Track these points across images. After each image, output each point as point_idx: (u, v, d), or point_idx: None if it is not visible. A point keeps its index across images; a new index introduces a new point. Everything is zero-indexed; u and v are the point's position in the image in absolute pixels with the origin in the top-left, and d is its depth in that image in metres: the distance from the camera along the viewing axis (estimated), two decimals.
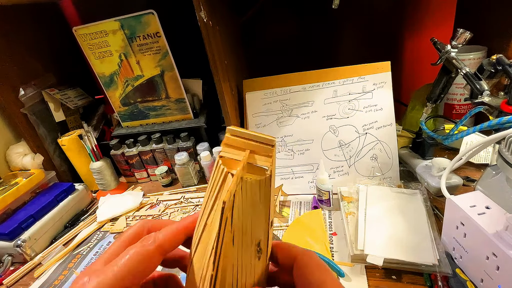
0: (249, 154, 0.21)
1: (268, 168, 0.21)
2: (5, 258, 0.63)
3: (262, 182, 0.20)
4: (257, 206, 0.21)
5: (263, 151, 0.21)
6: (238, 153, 0.21)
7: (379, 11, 0.85)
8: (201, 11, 0.54)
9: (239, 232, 0.20)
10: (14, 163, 0.81)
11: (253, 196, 0.20)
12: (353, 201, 0.59)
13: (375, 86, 0.65)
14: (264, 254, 0.23)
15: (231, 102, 0.68)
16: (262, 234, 0.22)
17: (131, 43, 0.73)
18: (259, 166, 0.21)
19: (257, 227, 0.21)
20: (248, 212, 0.20)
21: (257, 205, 0.21)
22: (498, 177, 0.46)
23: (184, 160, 0.77)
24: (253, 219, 0.21)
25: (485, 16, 0.72)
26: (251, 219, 0.21)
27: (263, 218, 0.22)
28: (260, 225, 0.22)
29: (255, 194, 0.20)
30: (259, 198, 0.21)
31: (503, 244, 0.36)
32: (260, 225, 0.22)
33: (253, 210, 0.21)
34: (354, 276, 0.48)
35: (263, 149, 0.21)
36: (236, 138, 0.21)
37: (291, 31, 0.92)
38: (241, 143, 0.21)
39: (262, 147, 0.21)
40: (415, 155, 0.68)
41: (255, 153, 0.21)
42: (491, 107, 0.49)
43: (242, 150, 0.21)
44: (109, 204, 0.77)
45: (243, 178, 0.19)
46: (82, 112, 0.92)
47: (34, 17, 0.82)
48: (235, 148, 0.21)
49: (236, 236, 0.20)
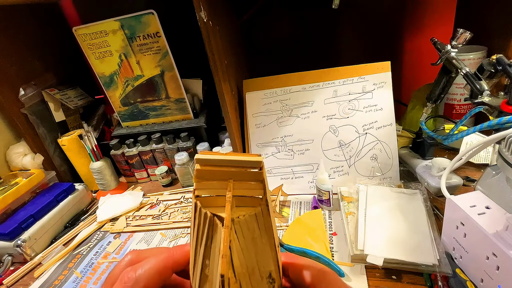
0: (233, 185, 0.17)
1: (262, 197, 0.18)
2: (5, 258, 0.63)
3: (259, 215, 0.17)
4: (259, 241, 0.18)
5: (250, 177, 0.17)
6: (218, 186, 0.17)
7: (379, 11, 0.85)
8: (201, 11, 0.54)
9: (245, 277, 0.17)
10: (14, 163, 0.81)
11: (252, 233, 0.17)
12: (353, 201, 0.59)
13: (375, 86, 0.65)
14: (278, 281, 0.20)
15: (231, 102, 0.68)
16: (271, 264, 0.19)
17: (131, 43, 0.73)
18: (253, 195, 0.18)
19: (264, 261, 0.18)
20: (250, 251, 0.17)
21: (259, 239, 0.18)
22: (498, 177, 0.46)
23: (184, 160, 0.77)
24: (258, 255, 0.18)
25: (485, 16, 0.72)
26: (255, 257, 0.18)
27: (268, 249, 0.18)
28: (267, 257, 0.19)
29: (254, 230, 0.17)
30: (259, 233, 0.17)
31: (503, 244, 0.36)
32: (267, 257, 0.19)
33: (255, 247, 0.17)
34: (354, 276, 0.48)
35: (250, 175, 0.17)
36: (210, 168, 0.17)
37: (291, 31, 0.92)
38: (218, 173, 0.17)
39: (247, 172, 0.17)
40: (415, 155, 0.68)
41: (240, 180, 0.17)
42: (491, 107, 0.49)
43: (222, 181, 0.17)
44: (109, 204, 0.77)
45: (234, 220, 0.16)
46: (82, 112, 0.92)
47: (34, 17, 0.82)
48: (213, 180, 0.17)
49: (243, 282, 0.17)
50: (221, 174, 0.17)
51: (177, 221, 0.69)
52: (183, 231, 0.66)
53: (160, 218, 0.71)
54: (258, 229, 0.18)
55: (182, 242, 0.63)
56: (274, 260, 0.19)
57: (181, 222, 0.68)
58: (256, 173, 0.17)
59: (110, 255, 0.63)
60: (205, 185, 0.17)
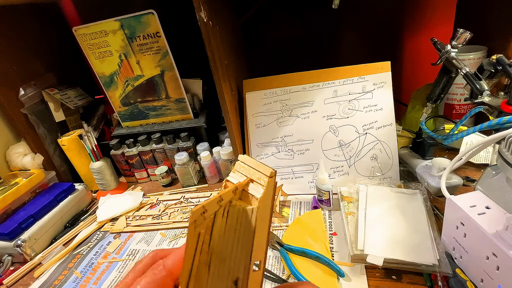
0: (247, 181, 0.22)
1: (258, 198, 0.21)
2: (5, 258, 0.63)
3: (248, 212, 0.20)
4: (238, 238, 0.20)
5: (258, 180, 0.22)
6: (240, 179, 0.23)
7: (379, 11, 0.85)
8: (201, 11, 0.54)
9: (216, 259, 0.19)
10: (14, 163, 0.81)
11: (237, 225, 0.20)
12: (353, 201, 0.59)
13: (375, 86, 0.65)
14: None
15: (231, 102, 0.68)
16: (241, 271, 0.21)
17: (131, 43, 0.73)
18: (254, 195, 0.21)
19: (236, 261, 0.20)
20: (228, 239, 0.20)
21: (240, 235, 0.20)
22: (498, 177, 0.46)
23: (184, 160, 0.77)
24: (232, 251, 0.20)
25: (485, 16, 0.72)
26: (230, 249, 0.20)
27: (244, 252, 0.21)
28: (238, 260, 0.21)
29: (240, 224, 0.20)
30: (243, 229, 0.20)
31: (503, 244, 0.36)
32: (239, 260, 0.21)
33: (233, 240, 0.20)
34: (354, 276, 0.48)
35: (260, 178, 0.22)
36: (244, 165, 0.23)
37: (291, 31, 0.92)
38: (246, 170, 0.23)
39: (260, 175, 0.22)
40: (415, 155, 0.68)
41: (252, 181, 0.22)
42: (491, 107, 0.49)
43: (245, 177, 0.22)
44: (109, 204, 0.77)
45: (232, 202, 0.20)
46: (82, 112, 0.92)
47: (34, 17, 0.82)
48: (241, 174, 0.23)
49: (213, 260, 0.19)
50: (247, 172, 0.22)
51: (177, 221, 0.69)
52: (183, 231, 0.66)
53: (160, 218, 0.71)
54: (242, 225, 0.20)
55: (182, 242, 0.63)
56: (246, 271, 0.21)
57: (181, 222, 0.68)
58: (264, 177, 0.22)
59: (110, 255, 0.63)
60: (235, 176, 0.23)
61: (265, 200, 0.21)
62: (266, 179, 0.21)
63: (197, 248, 0.18)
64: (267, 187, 0.21)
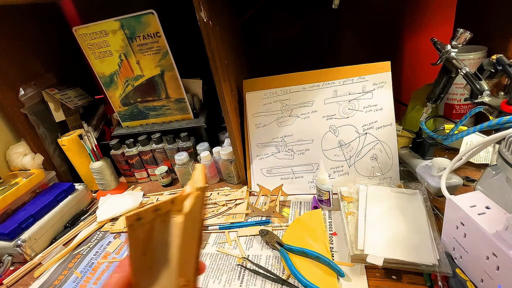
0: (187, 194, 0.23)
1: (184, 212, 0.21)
2: (5, 258, 0.63)
3: (174, 225, 0.21)
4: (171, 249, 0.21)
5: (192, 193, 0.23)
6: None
7: (379, 11, 0.85)
8: (201, 11, 0.53)
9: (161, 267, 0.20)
10: (14, 163, 0.81)
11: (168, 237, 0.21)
12: (353, 201, 0.59)
13: (375, 86, 0.65)
14: None
15: (231, 102, 0.67)
16: (192, 274, 0.22)
17: (131, 43, 0.73)
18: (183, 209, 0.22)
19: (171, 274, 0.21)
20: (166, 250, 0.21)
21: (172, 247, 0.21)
22: (498, 177, 0.46)
23: (184, 160, 0.77)
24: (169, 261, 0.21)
25: (485, 16, 0.72)
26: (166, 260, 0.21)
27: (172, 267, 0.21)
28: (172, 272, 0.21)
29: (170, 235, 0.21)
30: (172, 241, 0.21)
31: (503, 244, 0.36)
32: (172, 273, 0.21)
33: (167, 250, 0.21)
34: (354, 276, 0.48)
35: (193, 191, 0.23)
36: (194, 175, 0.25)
37: (291, 31, 0.92)
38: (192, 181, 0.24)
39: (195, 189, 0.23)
40: (415, 155, 0.68)
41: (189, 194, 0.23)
42: (491, 107, 0.49)
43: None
44: (109, 204, 0.77)
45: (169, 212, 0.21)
46: (82, 112, 0.92)
47: (34, 17, 0.82)
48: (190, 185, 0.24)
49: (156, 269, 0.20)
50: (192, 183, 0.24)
51: None
52: None
53: None
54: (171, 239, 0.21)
55: None
56: (195, 272, 0.22)
57: None
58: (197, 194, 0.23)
59: (110, 255, 0.63)
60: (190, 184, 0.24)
61: (191, 214, 0.21)
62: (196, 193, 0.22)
63: (140, 250, 0.19)
64: (195, 201, 0.21)
